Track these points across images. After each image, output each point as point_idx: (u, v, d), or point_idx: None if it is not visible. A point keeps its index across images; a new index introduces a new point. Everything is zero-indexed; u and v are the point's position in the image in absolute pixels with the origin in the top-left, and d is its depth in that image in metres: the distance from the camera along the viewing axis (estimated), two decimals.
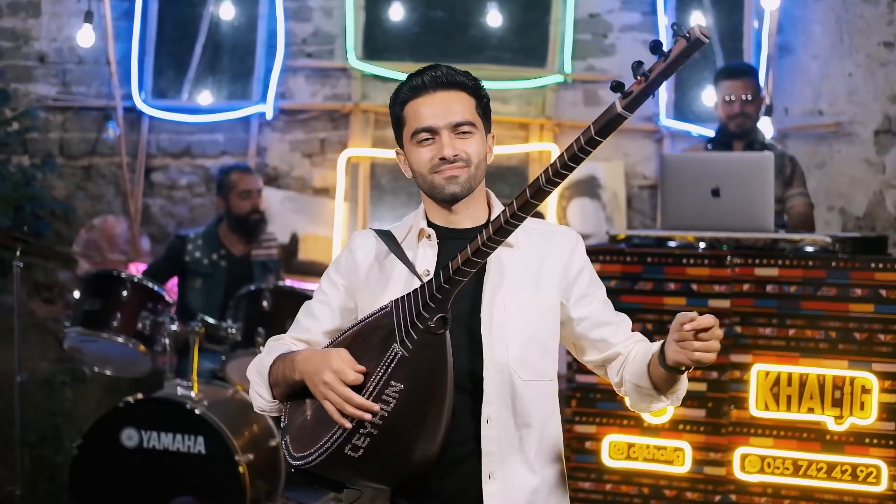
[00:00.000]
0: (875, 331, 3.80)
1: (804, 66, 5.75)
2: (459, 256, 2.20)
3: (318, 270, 5.91)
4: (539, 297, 2.42)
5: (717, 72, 5.24)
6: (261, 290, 4.95)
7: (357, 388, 2.20)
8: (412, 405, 2.19)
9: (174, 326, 4.76)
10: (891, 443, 3.78)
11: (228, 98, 6.16)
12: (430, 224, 2.47)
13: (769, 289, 3.93)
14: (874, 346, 3.80)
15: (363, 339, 2.28)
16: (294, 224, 6.12)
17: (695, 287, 4.02)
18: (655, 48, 1.95)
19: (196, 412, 4.53)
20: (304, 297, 4.83)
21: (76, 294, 4.98)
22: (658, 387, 2.36)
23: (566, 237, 2.49)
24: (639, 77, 1.97)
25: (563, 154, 2.07)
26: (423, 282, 2.28)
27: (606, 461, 4.09)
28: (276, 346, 2.46)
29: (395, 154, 2.51)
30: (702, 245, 4.08)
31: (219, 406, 4.68)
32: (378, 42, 6.11)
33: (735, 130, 4.99)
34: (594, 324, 2.47)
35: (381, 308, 2.30)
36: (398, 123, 2.46)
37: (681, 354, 2.20)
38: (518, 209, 2.13)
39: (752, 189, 4.06)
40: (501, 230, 2.16)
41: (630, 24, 6.00)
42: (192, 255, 5.42)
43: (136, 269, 5.93)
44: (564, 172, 2.08)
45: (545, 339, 2.42)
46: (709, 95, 5.74)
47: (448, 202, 2.42)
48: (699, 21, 5.82)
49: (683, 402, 3.94)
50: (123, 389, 5.57)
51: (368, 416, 2.18)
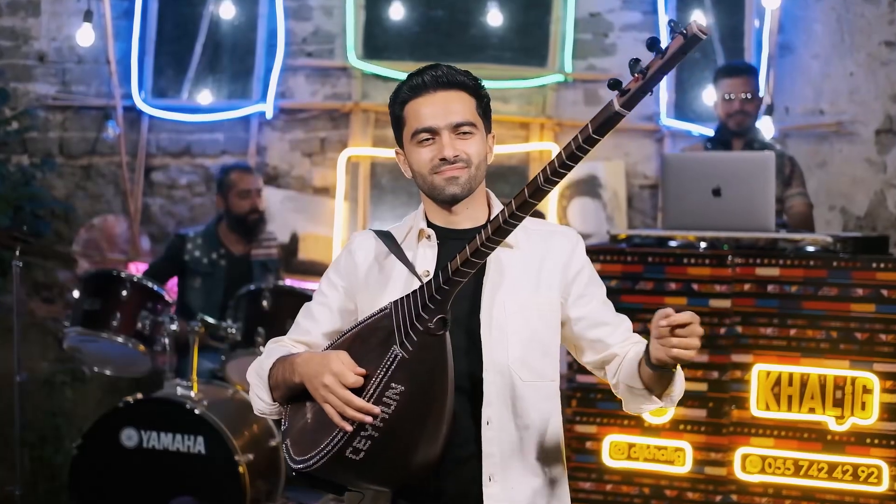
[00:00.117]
0: (876, 331, 3.79)
1: (805, 66, 5.74)
2: (458, 257, 2.19)
3: (318, 270, 5.90)
4: (539, 298, 2.40)
5: (717, 70, 5.24)
6: (261, 290, 4.94)
7: (357, 391, 2.18)
8: (413, 407, 2.17)
9: (174, 326, 4.76)
10: (892, 443, 3.77)
11: (228, 97, 6.15)
12: (430, 224, 2.45)
13: (770, 289, 3.92)
14: (875, 346, 3.79)
15: (363, 341, 2.27)
16: (294, 223, 6.11)
17: (696, 287, 4.01)
18: (653, 45, 1.94)
19: (196, 412, 4.53)
20: (304, 297, 4.85)
21: (76, 294, 4.97)
22: (649, 387, 2.32)
23: (566, 237, 2.48)
24: (636, 74, 1.96)
25: (562, 153, 2.05)
26: (423, 283, 2.27)
27: (607, 461, 4.08)
28: (276, 349, 2.44)
29: (395, 154, 2.49)
30: (703, 245, 4.08)
31: (219, 406, 4.67)
32: (378, 41, 6.11)
33: (734, 129, 4.99)
34: (591, 324, 2.45)
35: (381, 309, 2.28)
36: (398, 123, 2.44)
37: (661, 351, 2.17)
38: (517, 209, 2.11)
39: (754, 189, 4.05)
40: (500, 230, 2.14)
41: (631, 24, 5.99)
42: (192, 255, 5.41)
43: (136, 269, 5.92)
44: (563, 171, 2.06)
45: (546, 340, 2.41)
46: (709, 95, 5.73)
47: (448, 203, 2.41)
48: (699, 20, 5.80)
49: (684, 403, 3.99)
50: (123, 389, 5.56)
51: (369, 419, 2.16)
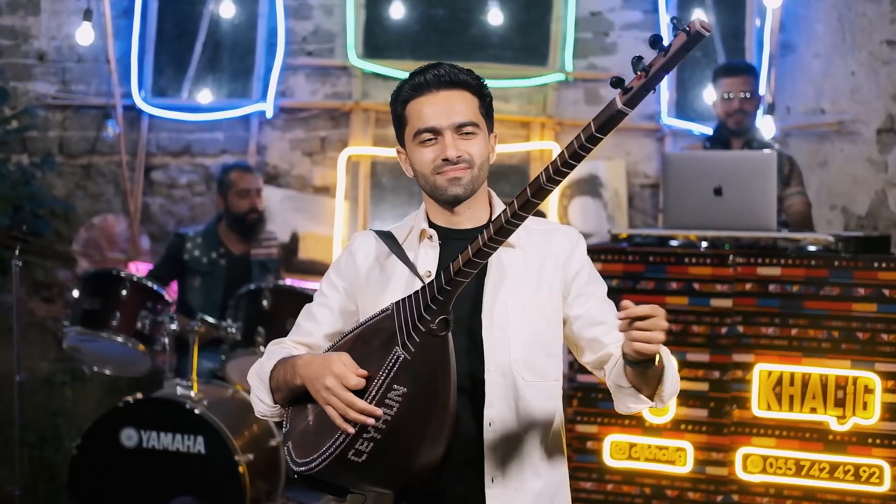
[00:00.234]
0: (878, 330, 3.78)
1: (806, 65, 5.73)
2: (461, 257, 2.17)
3: (319, 269, 5.89)
4: (541, 298, 2.38)
5: (716, 69, 5.21)
6: (261, 290, 4.93)
7: (359, 393, 2.17)
8: (415, 408, 2.16)
9: (174, 326, 4.75)
10: (894, 443, 3.76)
11: (228, 96, 6.14)
12: (432, 224, 2.44)
13: (771, 288, 3.91)
14: (877, 346, 3.78)
15: (364, 343, 2.25)
16: (294, 223, 6.10)
17: (697, 286, 4.00)
18: (655, 42, 1.92)
19: (196, 412, 4.52)
20: (304, 297, 4.86)
21: (75, 293, 4.96)
22: (636, 385, 2.30)
23: (567, 236, 2.46)
24: (639, 72, 1.94)
25: (564, 152, 2.03)
26: (425, 283, 2.25)
27: (608, 461, 4.07)
28: (277, 351, 2.42)
29: (396, 153, 2.48)
30: (704, 244, 4.07)
31: (218, 406, 4.67)
32: (379, 40, 6.10)
33: (733, 128, 4.98)
34: (588, 323, 2.42)
35: (382, 311, 2.27)
36: (399, 122, 2.43)
37: (627, 346, 2.15)
38: (519, 208, 2.09)
39: (755, 188, 4.04)
40: (503, 230, 2.12)
41: (631, 23, 5.98)
42: (192, 254, 5.40)
43: (136, 268, 5.91)
44: (565, 170, 2.04)
45: (548, 340, 2.39)
46: (710, 94, 5.72)
47: (451, 204, 2.39)
48: (700, 19, 5.79)
49: (685, 402, 3.98)
50: (123, 389, 5.56)
51: (371, 421, 2.14)
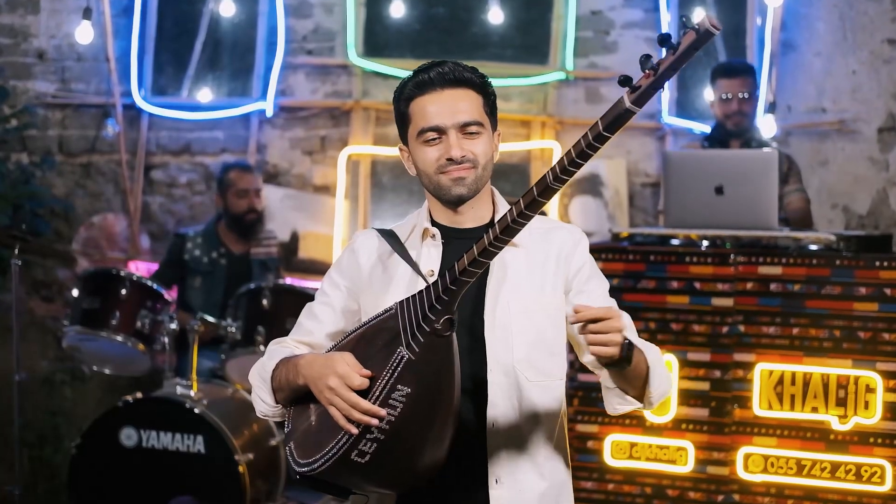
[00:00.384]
0: (879, 329, 3.77)
1: (807, 64, 5.72)
2: (465, 257, 2.14)
3: (319, 269, 5.89)
4: (544, 296, 2.36)
5: (714, 69, 5.16)
6: (261, 289, 4.93)
7: (363, 393, 2.15)
8: (419, 409, 2.14)
9: (173, 325, 4.74)
10: (895, 442, 3.75)
11: (228, 95, 6.13)
12: (435, 223, 2.42)
13: (773, 287, 3.90)
14: (878, 346, 3.77)
15: (367, 343, 2.23)
16: (294, 222, 6.09)
17: (698, 285, 3.99)
18: (664, 41, 1.90)
19: (195, 411, 4.51)
20: (305, 296, 4.86)
21: (75, 292, 4.95)
22: (621, 387, 2.29)
23: (569, 233, 2.44)
24: (647, 71, 1.92)
25: (571, 151, 2.01)
26: (428, 282, 2.24)
27: (609, 461, 4.06)
28: (278, 350, 2.40)
29: (399, 150, 2.46)
30: (705, 243, 4.06)
31: (218, 405, 4.66)
32: (379, 39, 6.09)
33: (732, 129, 4.96)
34: None
35: (386, 310, 2.25)
36: (403, 120, 2.40)
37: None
38: (525, 207, 2.07)
39: (756, 187, 4.03)
40: (508, 229, 2.10)
41: (632, 21, 5.97)
42: (192, 254, 5.39)
43: (136, 268, 5.91)
44: (572, 169, 2.02)
45: (551, 339, 2.37)
46: (708, 93, 5.70)
47: (454, 204, 2.38)
48: (701, 16, 5.78)
49: (686, 402, 3.97)
50: (122, 388, 5.55)
51: (375, 422, 2.13)
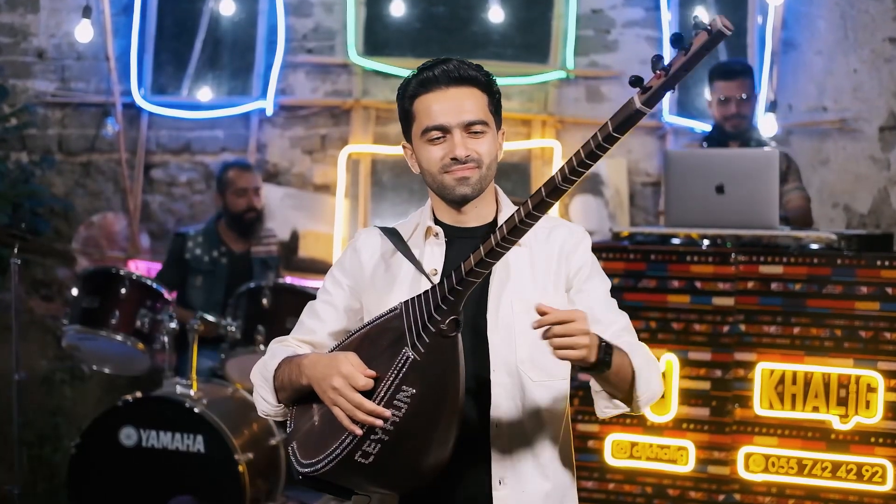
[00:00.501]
0: (881, 329, 3.76)
1: (808, 62, 5.72)
2: (472, 257, 2.12)
3: (319, 268, 5.88)
4: (547, 296, 2.34)
5: (711, 71, 5.10)
6: (260, 288, 4.92)
7: (367, 394, 2.13)
8: (424, 410, 2.12)
9: (173, 324, 4.73)
10: None
11: (228, 94, 6.13)
12: (438, 222, 2.41)
13: (774, 286, 3.89)
14: (880, 345, 3.77)
15: (371, 343, 2.21)
16: (294, 221, 6.08)
17: (698, 285, 3.98)
18: (676, 41, 1.89)
19: (195, 411, 4.50)
20: (304, 295, 4.85)
21: (74, 291, 4.95)
22: (606, 390, 2.28)
23: (571, 232, 2.43)
24: (658, 71, 1.90)
25: (580, 151, 1.99)
26: (432, 281, 2.23)
27: (609, 460, 4.06)
28: (280, 349, 2.39)
29: (402, 148, 2.44)
30: (706, 242, 4.05)
31: (218, 404, 4.65)
32: (379, 38, 6.08)
33: (731, 131, 4.94)
34: None
35: (390, 310, 2.23)
36: (406, 117, 2.38)
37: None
38: (533, 208, 2.05)
39: (757, 186, 4.02)
40: (516, 230, 2.08)
41: (633, 20, 5.97)
42: (193, 253, 5.39)
43: (136, 267, 5.90)
44: (581, 170, 2.00)
45: None
46: (707, 93, 5.69)
47: (458, 203, 2.36)
48: (702, 16, 5.77)
49: (687, 401, 3.96)
50: (122, 388, 5.55)
51: (380, 423, 2.11)
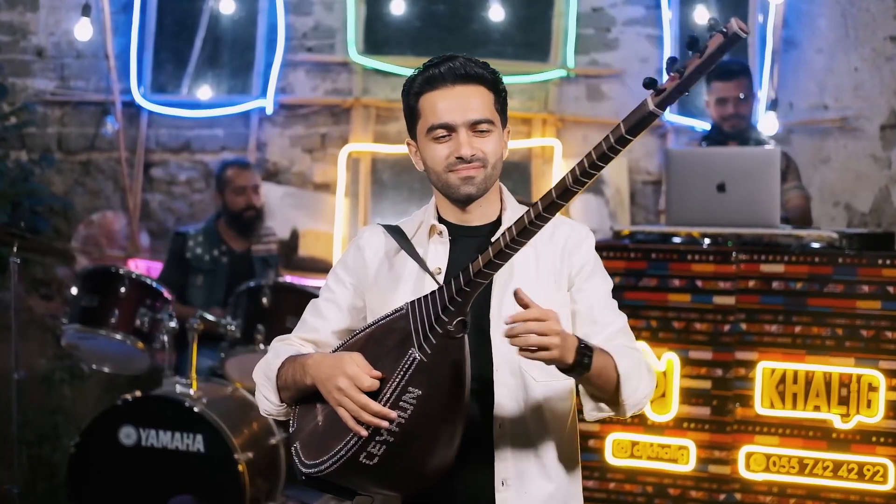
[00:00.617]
0: (882, 328, 3.75)
1: (809, 61, 5.71)
2: (480, 259, 2.11)
3: (319, 266, 5.88)
4: (550, 295, 2.32)
5: (709, 71, 5.05)
6: (260, 287, 4.92)
7: (373, 394, 2.12)
8: (430, 411, 2.11)
9: (172, 323, 4.72)
10: None
11: (228, 93, 6.12)
12: (442, 220, 2.39)
13: (775, 285, 3.89)
14: (881, 344, 3.76)
15: (376, 343, 2.20)
16: (294, 220, 6.08)
17: (699, 283, 3.98)
18: (692, 44, 1.88)
19: (195, 410, 4.50)
20: (304, 294, 4.84)
21: (74, 290, 4.94)
22: (590, 393, 2.27)
23: (575, 230, 2.41)
24: (672, 73, 1.89)
25: (592, 153, 1.97)
26: (436, 280, 2.22)
27: (610, 459, 4.05)
28: (283, 348, 2.37)
29: (406, 145, 2.42)
30: (706, 241, 4.04)
31: (218, 404, 4.65)
32: (379, 36, 6.07)
33: (730, 131, 4.93)
34: (582, 320, 2.36)
35: (396, 310, 2.21)
36: (411, 115, 2.37)
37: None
38: (543, 210, 2.03)
39: (758, 184, 4.01)
40: (526, 231, 2.06)
41: (633, 19, 5.96)
42: (194, 252, 5.38)
43: (135, 266, 5.90)
44: (592, 172, 1.98)
45: None
46: (705, 93, 5.66)
47: (463, 202, 2.35)
48: (703, 15, 5.76)
49: (688, 400, 3.96)
50: (122, 387, 5.54)
51: (385, 424, 2.10)
